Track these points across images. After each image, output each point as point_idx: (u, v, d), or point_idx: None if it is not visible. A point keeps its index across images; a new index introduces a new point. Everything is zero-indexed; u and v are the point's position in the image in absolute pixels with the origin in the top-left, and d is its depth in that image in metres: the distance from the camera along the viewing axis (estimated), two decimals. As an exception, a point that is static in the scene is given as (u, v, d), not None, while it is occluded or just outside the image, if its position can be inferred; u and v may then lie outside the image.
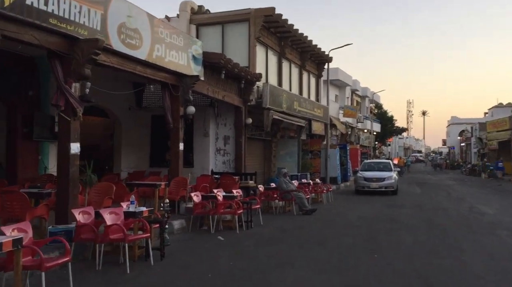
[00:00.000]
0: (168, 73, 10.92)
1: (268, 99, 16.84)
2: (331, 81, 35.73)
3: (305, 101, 21.53)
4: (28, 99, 11.97)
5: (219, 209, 10.36)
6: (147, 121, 16.84)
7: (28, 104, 11.94)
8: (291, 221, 12.35)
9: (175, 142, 11.58)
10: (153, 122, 16.83)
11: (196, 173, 15.64)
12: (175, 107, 11.52)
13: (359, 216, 13.33)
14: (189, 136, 16.18)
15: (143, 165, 16.81)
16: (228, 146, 16.34)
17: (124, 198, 9.58)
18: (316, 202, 17.32)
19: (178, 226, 10.17)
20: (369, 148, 47.39)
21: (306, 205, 13.89)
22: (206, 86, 13.10)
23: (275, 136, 21.22)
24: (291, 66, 21.69)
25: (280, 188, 14.08)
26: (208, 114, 16.14)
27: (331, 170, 25.15)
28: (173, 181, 11.46)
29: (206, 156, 16.08)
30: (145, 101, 16.93)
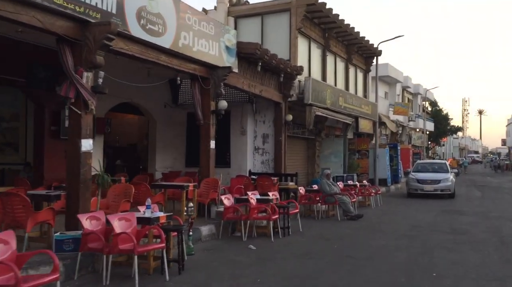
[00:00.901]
0: (197, 64, 9.97)
1: (310, 95, 15.61)
2: (380, 78, 33.88)
3: (352, 97, 20.08)
4: (56, 96, 11.36)
5: (251, 213, 9.29)
6: (182, 119, 16.04)
7: (56, 101, 11.34)
8: (334, 228, 11.09)
9: (205, 140, 10.62)
10: (188, 120, 15.99)
11: (233, 174, 14.68)
12: (206, 101, 10.56)
13: (412, 224, 11.85)
14: (225, 135, 15.25)
15: (179, 165, 16.03)
16: (267, 145, 15.25)
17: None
18: (363, 206, 15.92)
19: (206, 232, 9.18)
20: (422, 148, 44.89)
21: (351, 209, 12.57)
22: (241, 80, 12.06)
23: (319, 134, 19.93)
24: (336, 60, 20.31)
25: (322, 191, 12.84)
26: (245, 111, 15.13)
27: (380, 171, 23.53)
28: (204, 182, 10.50)
29: (243, 155, 15.07)
30: (181, 98, 16.15)
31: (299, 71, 14.48)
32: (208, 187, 10.37)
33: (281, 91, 14.68)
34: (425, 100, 50.72)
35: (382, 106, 29.73)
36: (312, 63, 17.74)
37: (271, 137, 15.20)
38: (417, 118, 43.87)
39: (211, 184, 10.40)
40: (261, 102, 15.17)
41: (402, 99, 40.12)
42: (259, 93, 13.13)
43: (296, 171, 18.36)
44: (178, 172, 15.63)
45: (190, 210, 7.78)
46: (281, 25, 16.38)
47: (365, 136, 24.72)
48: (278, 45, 15.97)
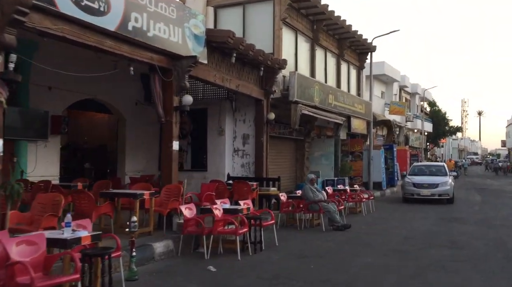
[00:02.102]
0: (154, 52, 8.59)
1: (296, 91, 14.24)
2: (376, 77, 32.62)
3: (343, 95, 18.72)
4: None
5: (216, 227, 7.90)
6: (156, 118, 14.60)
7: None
8: (316, 241, 9.71)
9: (167, 141, 9.25)
10: (162, 119, 14.59)
11: (210, 178, 13.34)
12: (168, 96, 9.19)
13: (405, 235, 10.49)
14: (202, 135, 13.91)
15: (152, 168, 14.64)
16: (248, 146, 13.87)
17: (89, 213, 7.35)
18: (354, 212, 14.57)
19: (162, 249, 7.79)
20: (420, 149, 43.55)
21: (337, 219, 11.19)
22: (212, 73, 10.69)
23: (308, 135, 18.57)
24: (327, 55, 18.96)
25: (305, 197, 11.47)
26: (223, 109, 13.78)
27: (375, 173, 22.19)
28: (165, 189, 9.12)
29: (221, 158, 13.71)
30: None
31: (282, 65, 13.10)
32: (170, 194, 8.99)
33: (263, 87, 13.30)
34: (424, 100, 49.42)
35: (377, 106, 28.41)
36: (299, 58, 16.38)
37: (252, 138, 13.82)
38: (415, 118, 42.55)
39: (173, 191, 9.02)
40: (241, 99, 13.82)
41: (400, 99, 38.79)
42: (235, 88, 11.76)
43: (283, 174, 17.04)
44: (151, 176, 14.26)
45: (132, 225, 6.41)
46: (265, 16, 14.99)
47: (359, 137, 23.38)
48: (261, 37, 14.58)
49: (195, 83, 14.17)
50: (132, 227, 6.38)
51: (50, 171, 11.34)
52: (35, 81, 10.68)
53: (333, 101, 17.40)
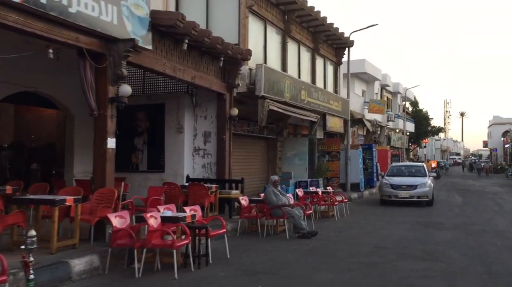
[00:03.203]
0: (81, 32, 7.32)
1: (263, 85, 13.05)
2: (357, 75, 31.67)
3: (318, 92, 17.60)
4: None
5: (149, 238, 6.67)
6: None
7: None
8: (275, 252, 8.52)
9: (100, 137, 7.98)
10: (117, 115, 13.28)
11: (168, 180, 12.08)
12: (101, 86, 7.93)
13: (376, 244, 9.36)
14: (159, 133, 12.66)
15: (105, 168, 13.30)
16: (210, 145, 12.65)
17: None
18: (326, 216, 13.46)
19: (83, 266, 6.51)
20: (402, 149, 42.77)
21: (302, 225, 10.03)
22: (161, 61, 9.45)
23: (281, 134, 17.44)
24: (300, 49, 17.83)
25: (268, 201, 10.29)
26: (182, 104, 12.58)
27: (353, 174, 21.15)
28: (96, 194, 7.84)
29: (179, 158, 12.50)
30: (110, 89, 13.44)
31: (245, 55, 11.91)
32: (102, 200, 7.72)
33: (225, 80, 12.10)
34: (405, 100, 48.72)
35: (356, 104, 27.38)
36: (268, 50, 15.22)
37: (214, 135, 12.60)
38: (397, 118, 41.77)
39: (105, 196, 7.74)
40: (202, 94, 12.62)
41: (381, 98, 37.94)
42: (190, 80, 10.53)
43: (253, 176, 15.91)
44: (103, 177, 12.92)
45: (29, 241, 5.14)
46: (230, 4, 13.78)
47: (337, 137, 22.33)
48: (227, 28, 13.37)
49: (150, 76, 12.95)
50: (29, 243, 5.10)
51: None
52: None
53: (306, 98, 16.26)
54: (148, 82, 13.24)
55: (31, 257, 5.16)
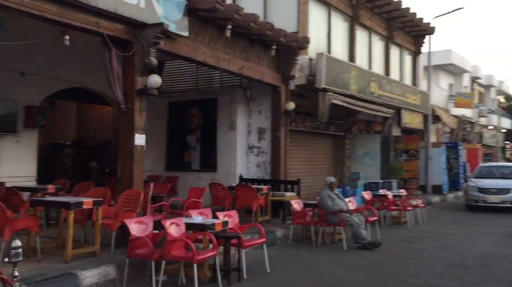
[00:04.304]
0: (102, 17, 6.64)
1: (323, 77, 11.78)
2: (442, 67, 28.99)
3: (391, 84, 15.88)
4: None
5: (168, 249, 5.79)
6: (162, 111, 12.82)
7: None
8: (324, 267, 7.29)
9: (127, 133, 7.25)
10: (170, 112, 12.77)
11: (220, 180, 11.29)
12: (128, 76, 7.22)
13: (452, 261, 7.77)
14: (211, 129, 11.87)
15: (159, 167, 12.85)
16: (264, 142, 11.63)
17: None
18: (397, 223, 11.92)
19: (95, 278, 5.76)
20: (496, 148, 38.77)
21: (362, 235, 8.67)
22: (201, 49, 8.59)
23: (350, 130, 15.99)
24: (372, 37, 16.25)
25: (322, 206, 9.06)
26: (235, 99, 11.67)
27: (434, 175, 19.04)
28: (123, 196, 7.13)
29: (232, 156, 11.63)
30: (164, 84, 12.97)
31: (301, 43, 10.73)
32: (128, 203, 6.99)
33: (279, 70, 11.03)
34: (500, 94, 44.28)
35: (438, 98, 24.86)
36: (333, 39, 13.90)
37: (270, 132, 11.55)
38: (490, 113, 37.89)
39: (132, 198, 7.01)
40: (257, 87, 11.65)
41: (472, 91, 34.54)
42: (237, 71, 9.59)
43: (318, 176, 14.67)
44: (157, 176, 12.49)
45: (13, 253, 4.42)
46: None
47: (418, 133, 20.30)
48: (285, 15, 12.32)
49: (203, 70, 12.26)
50: (13, 255, 4.37)
51: (24, 171, 9.77)
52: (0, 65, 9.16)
53: (377, 91, 14.67)
54: (201, 77, 12.56)
55: (16, 271, 4.40)
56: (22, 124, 9.71)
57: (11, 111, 9.35)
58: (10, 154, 9.49)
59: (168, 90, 13.00)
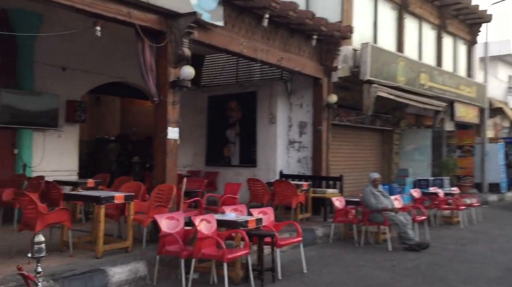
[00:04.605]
0: (134, 7, 6.48)
1: (368, 68, 11.19)
2: (501, 57, 27.34)
3: (443, 75, 14.98)
4: (-6, 70, 8.72)
5: (198, 247, 5.54)
6: (202, 105, 12.68)
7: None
8: (366, 268, 6.83)
9: (160, 127, 7.10)
10: (209, 106, 12.60)
11: (260, 175, 11.02)
12: (161, 68, 7.04)
13: (508, 266, 7.09)
14: (251, 124, 11.60)
15: (200, 162, 12.73)
16: (306, 137, 11.21)
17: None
18: (449, 223, 11.19)
19: (125, 275, 5.59)
20: None
21: (408, 235, 8.11)
22: (238, 41, 8.30)
23: (398, 125, 15.25)
24: (422, 26, 15.38)
25: (365, 204, 8.56)
26: (275, 92, 11.32)
27: (491, 173, 17.90)
28: (156, 190, 6.96)
29: (272, 151, 11.30)
30: (205, 79, 12.87)
31: (344, 33, 10.22)
32: (161, 198, 6.82)
33: (321, 62, 10.57)
34: None
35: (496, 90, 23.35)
36: (379, 29, 13.22)
37: (311, 126, 11.12)
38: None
39: (165, 194, 6.83)
40: (298, 79, 11.26)
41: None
42: (276, 62, 9.24)
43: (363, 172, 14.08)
44: (197, 171, 12.39)
45: (36, 249, 4.27)
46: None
47: (473, 128, 19.15)
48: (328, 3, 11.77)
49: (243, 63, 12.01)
50: (36, 251, 4.23)
51: (66, 165, 9.88)
52: (42, 60, 9.28)
53: (427, 83, 13.85)
54: (241, 70, 12.30)
55: (39, 267, 4.26)
56: (63, 119, 9.80)
57: (53, 106, 9.44)
58: (52, 148, 9.60)
59: (208, 84, 12.84)
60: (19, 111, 8.86)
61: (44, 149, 9.41)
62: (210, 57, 12.84)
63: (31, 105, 9.07)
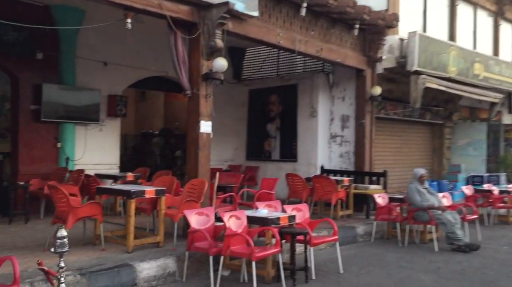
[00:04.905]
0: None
1: (416, 58, 10.59)
2: None
3: (500, 65, 14.01)
4: (38, 65, 8.93)
5: (226, 243, 5.37)
6: (243, 99, 12.52)
7: (37, 71, 8.90)
8: (408, 270, 6.41)
9: (193, 120, 6.95)
10: (250, 100, 12.42)
11: (301, 170, 10.76)
12: (193, 60, 6.90)
13: None
14: (291, 117, 11.33)
15: (241, 157, 12.60)
16: (348, 131, 10.79)
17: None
18: (504, 222, 10.46)
19: (153, 271, 5.51)
20: None
21: (457, 235, 7.58)
22: (275, 31, 8.03)
23: (450, 118, 14.46)
24: (477, 13, 14.44)
25: (410, 201, 8.08)
26: (316, 84, 10.97)
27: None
28: (188, 185, 6.85)
29: (313, 146, 10.98)
30: (246, 72, 12.72)
31: (389, 21, 9.71)
32: (193, 193, 6.70)
33: (364, 52, 10.11)
34: None
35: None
36: (429, 17, 12.48)
37: (354, 120, 10.69)
38: None
39: (197, 188, 6.71)
40: (340, 71, 10.86)
41: None
42: (315, 53, 8.88)
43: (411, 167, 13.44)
44: (238, 166, 12.28)
45: (59, 243, 4.21)
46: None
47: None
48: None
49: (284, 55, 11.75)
50: (59, 245, 4.17)
51: (107, 159, 10.02)
52: (84, 55, 9.44)
53: (482, 73, 12.99)
54: (282, 62, 12.02)
55: (62, 262, 4.21)
56: (105, 113, 9.93)
57: (94, 101, 9.57)
58: (94, 142, 9.75)
59: (249, 77, 12.65)
60: (61, 106, 9.03)
61: (86, 142, 9.57)
62: (251, 50, 12.65)
63: (73, 100, 9.22)
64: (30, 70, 8.77)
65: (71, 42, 9.22)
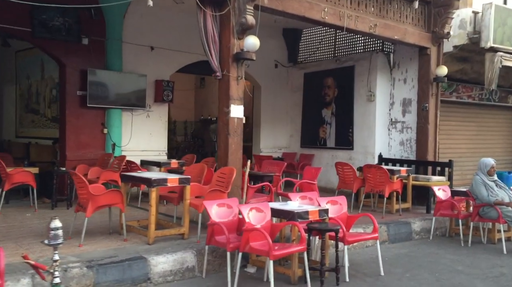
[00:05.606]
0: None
1: (491, 33, 9.30)
2: None
3: None
4: (84, 50, 8.92)
5: (245, 239, 4.87)
6: (299, 83, 11.87)
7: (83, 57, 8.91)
8: (463, 275, 5.51)
9: (223, 104, 6.49)
10: (305, 84, 11.74)
11: (357, 158, 10.06)
12: (224, 39, 6.41)
13: None
14: (347, 102, 10.54)
15: (295, 144, 12.02)
16: (410, 116, 9.77)
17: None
18: None
19: (169, 265, 5.14)
20: None
21: (529, 238, 6.47)
22: (319, 6, 7.29)
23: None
24: None
25: (475, 196, 7.06)
26: (374, 65, 10.07)
27: None
28: (218, 173, 6.42)
29: (370, 132, 10.10)
30: (302, 55, 12.09)
31: (457, -9, 8.56)
32: (222, 182, 6.26)
33: (428, 28, 9.03)
34: None
35: None
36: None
37: (417, 104, 9.65)
38: None
39: (226, 177, 6.25)
40: (402, 51, 9.87)
41: None
42: (367, 30, 8.00)
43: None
44: (292, 154, 11.75)
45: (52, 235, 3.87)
46: None
47: None
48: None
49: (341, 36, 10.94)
50: (52, 237, 3.89)
51: (154, 145, 9.90)
52: (130, 40, 9.34)
53: None
54: (340, 43, 11.18)
55: (56, 255, 3.94)
56: (152, 99, 9.79)
57: (141, 86, 9.45)
58: (141, 128, 9.67)
59: (305, 60, 11.94)
60: (108, 91, 8.99)
61: (132, 128, 9.50)
62: (307, 31, 11.93)
63: (120, 86, 9.16)
64: (77, 55, 8.79)
65: (117, 26, 9.14)
